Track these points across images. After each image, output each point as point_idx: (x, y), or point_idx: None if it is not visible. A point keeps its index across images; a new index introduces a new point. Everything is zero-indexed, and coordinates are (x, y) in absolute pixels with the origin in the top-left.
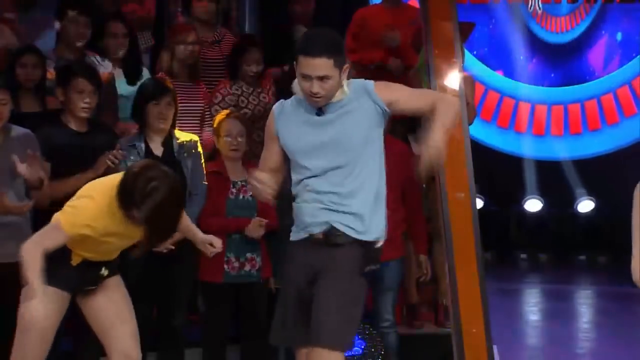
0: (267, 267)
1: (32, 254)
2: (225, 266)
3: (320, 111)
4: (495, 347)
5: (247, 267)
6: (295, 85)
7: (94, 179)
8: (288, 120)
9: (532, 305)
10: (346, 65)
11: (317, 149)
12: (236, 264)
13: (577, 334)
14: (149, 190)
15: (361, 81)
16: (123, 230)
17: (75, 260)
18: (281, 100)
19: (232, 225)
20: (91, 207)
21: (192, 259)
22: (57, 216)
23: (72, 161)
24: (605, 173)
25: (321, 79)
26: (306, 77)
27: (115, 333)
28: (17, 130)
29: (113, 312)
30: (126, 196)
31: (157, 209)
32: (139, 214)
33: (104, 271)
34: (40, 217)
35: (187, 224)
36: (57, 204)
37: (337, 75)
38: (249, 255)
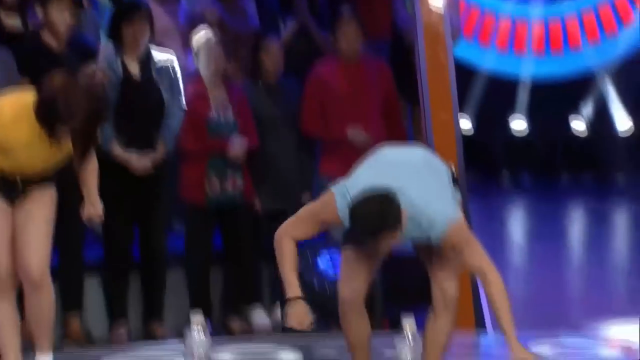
0: (249, 190)
1: None
2: (207, 186)
3: None
4: None
5: (229, 188)
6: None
7: None
8: None
9: (517, 225)
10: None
11: None
12: (217, 184)
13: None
14: (73, 102)
15: (432, 219)
16: (24, 145)
17: None
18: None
19: (214, 146)
20: None
21: (171, 180)
22: None
23: None
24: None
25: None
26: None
27: (19, 245)
28: None
29: (24, 222)
30: (49, 112)
31: (84, 119)
32: (66, 127)
33: (18, 179)
34: None
35: (92, 179)
36: None
37: (395, 237)
38: (230, 174)
